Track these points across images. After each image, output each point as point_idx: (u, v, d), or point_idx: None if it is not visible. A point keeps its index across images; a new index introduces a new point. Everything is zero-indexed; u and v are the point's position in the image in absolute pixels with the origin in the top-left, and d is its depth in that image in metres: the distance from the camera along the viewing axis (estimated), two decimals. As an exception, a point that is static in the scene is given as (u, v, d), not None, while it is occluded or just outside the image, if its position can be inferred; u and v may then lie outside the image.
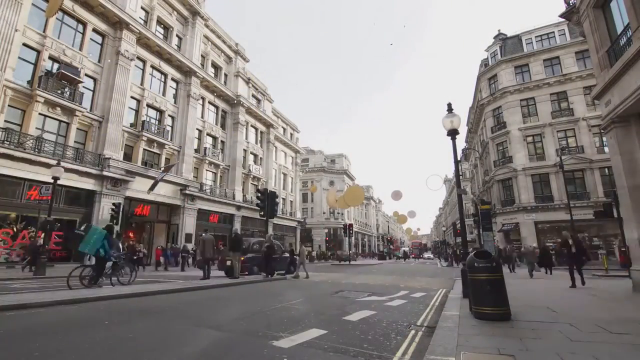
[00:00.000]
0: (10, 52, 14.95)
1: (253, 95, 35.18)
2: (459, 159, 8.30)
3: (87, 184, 17.37)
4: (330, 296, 8.62)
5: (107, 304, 6.72)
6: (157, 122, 23.20)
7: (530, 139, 26.59)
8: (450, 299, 7.44)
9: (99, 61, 19.51)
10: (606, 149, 21.62)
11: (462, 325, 4.68)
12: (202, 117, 27.80)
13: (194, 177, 25.79)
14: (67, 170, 15.15)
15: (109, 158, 18.27)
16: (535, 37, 28.08)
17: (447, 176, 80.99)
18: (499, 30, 30.81)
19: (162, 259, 18.95)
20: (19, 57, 15.74)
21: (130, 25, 20.38)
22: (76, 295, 7.19)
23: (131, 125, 21.19)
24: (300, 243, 43.61)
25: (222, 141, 29.93)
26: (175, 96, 25.06)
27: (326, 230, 54.21)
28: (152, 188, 19.32)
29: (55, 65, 17.05)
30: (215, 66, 30.84)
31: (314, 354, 3.69)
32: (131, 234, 22.06)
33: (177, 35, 25.97)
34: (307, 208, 54.68)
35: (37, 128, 16.05)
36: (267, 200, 14.29)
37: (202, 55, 28.33)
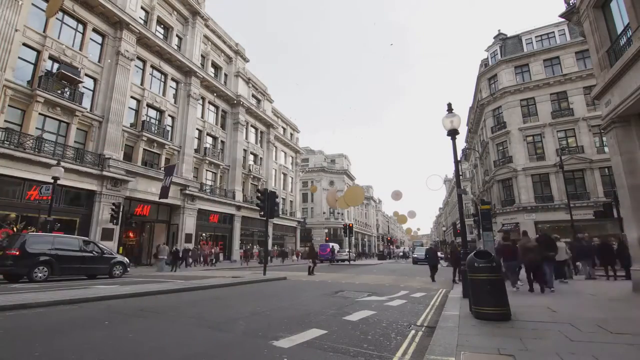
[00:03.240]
0: (10, 52, 14.95)
1: (253, 95, 35.19)
2: (459, 159, 8.30)
3: (87, 184, 17.37)
4: (330, 296, 8.62)
5: (107, 304, 6.72)
6: (157, 122, 23.20)
7: (530, 139, 26.57)
8: (450, 299, 7.44)
9: (99, 61, 19.50)
10: (606, 149, 21.61)
11: (462, 325, 4.68)
12: (202, 117, 27.80)
13: (194, 177, 25.79)
14: (67, 170, 15.15)
15: (109, 158, 18.27)
16: (535, 37, 28.06)
17: (447, 176, 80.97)
18: (499, 30, 30.81)
19: None
20: (19, 57, 15.73)
21: (131, 25, 20.38)
22: (76, 295, 7.20)
23: (131, 125, 21.19)
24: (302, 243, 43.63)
25: (222, 141, 29.94)
26: (175, 96, 25.06)
27: (326, 230, 54.20)
28: (164, 196, 19.13)
29: (55, 65, 17.04)
30: (216, 66, 30.84)
31: (314, 354, 3.69)
32: (131, 234, 22.08)
33: (177, 35, 25.97)
34: (307, 208, 54.67)
35: (37, 128, 16.04)
36: (267, 200, 14.28)
37: (202, 55, 28.33)
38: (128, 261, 14.23)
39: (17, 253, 10.33)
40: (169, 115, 24.27)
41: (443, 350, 3.50)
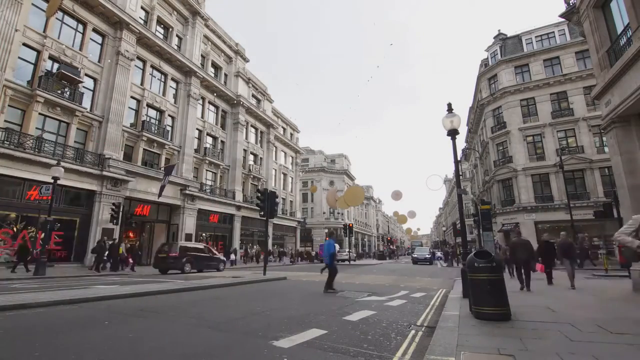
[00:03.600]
0: (10, 52, 14.96)
1: (253, 95, 35.18)
2: (459, 159, 8.30)
3: (87, 184, 17.37)
4: (330, 296, 8.62)
5: (107, 304, 6.72)
6: (157, 122, 23.20)
7: (530, 139, 26.59)
8: (450, 299, 7.44)
9: (99, 61, 19.51)
10: (606, 149, 21.62)
11: (462, 325, 4.68)
12: (202, 117, 27.80)
13: (194, 177, 25.80)
14: (67, 170, 15.15)
15: (109, 158, 18.27)
16: (535, 37, 28.07)
17: (447, 176, 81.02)
18: (499, 30, 30.82)
19: None
20: (19, 57, 15.74)
21: (130, 25, 20.38)
22: (76, 295, 7.20)
23: (131, 125, 21.19)
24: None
25: (222, 141, 29.94)
26: (175, 96, 25.06)
27: (326, 230, 54.16)
28: (160, 194, 19.20)
29: (55, 65, 17.05)
30: (216, 66, 30.85)
31: (314, 354, 3.69)
32: (131, 234, 22.08)
33: (177, 35, 25.98)
34: (307, 208, 54.66)
35: (37, 128, 16.05)
36: (267, 200, 14.27)
37: (202, 55, 28.33)
38: (226, 259, 19.32)
39: (176, 255, 15.64)
40: (169, 115, 24.28)
41: (443, 350, 3.50)
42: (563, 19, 12.17)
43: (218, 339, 4.27)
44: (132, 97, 21.26)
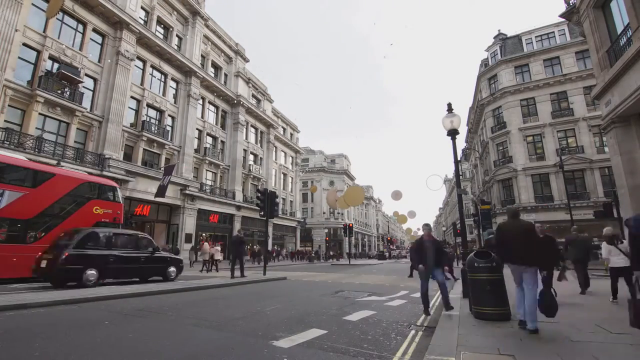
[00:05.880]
0: (10, 52, 14.95)
1: (253, 95, 35.18)
2: (459, 159, 8.29)
3: (87, 184, 17.34)
4: (330, 296, 8.62)
5: (107, 304, 6.72)
6: (157, 122, 23.20)
7: (530, 139, 26.58)
8: (451, 299, 7.42)
9: (99, 61, 19.50)
10: (606, 149, 21.62)
11: (462, 325, 4.68)
12: (202, 117, 27.80)
13: (194, 177, 25.79)
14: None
15: (109, 158, 18.27)
16: (535, 37, 28.07)
17: (447, 176, 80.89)
18: (499, 30, 30.81)
19: None
20: (19, 57, 15.74)
21: (131, 25, 20.38)
22: (76, 295, 7.20)
23: (131, 125, 21.19)
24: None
25: (222, 141, 29.94)
26: (175, 96, 25.06)
27: (326, 230, 54.16)
28: (161, 195, 19.04)
29: (56, 65, 17.05)
30: (216, 66, 30.85)
31: (314, 354, 3.69)
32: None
33: (177, 35, 25.98)
34: (307, 208, 54.64)
35: (37, 128, 16.04)
36: (267, 201, 14.26)
37: (202, 55, 28.33)
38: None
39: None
40: (169, 115, 24.28)
41: (443, 350, 3.50)
42: (563, 19, 12.18)
43: (218, 339, 4.27)
44: (132, 97, 21.26)
